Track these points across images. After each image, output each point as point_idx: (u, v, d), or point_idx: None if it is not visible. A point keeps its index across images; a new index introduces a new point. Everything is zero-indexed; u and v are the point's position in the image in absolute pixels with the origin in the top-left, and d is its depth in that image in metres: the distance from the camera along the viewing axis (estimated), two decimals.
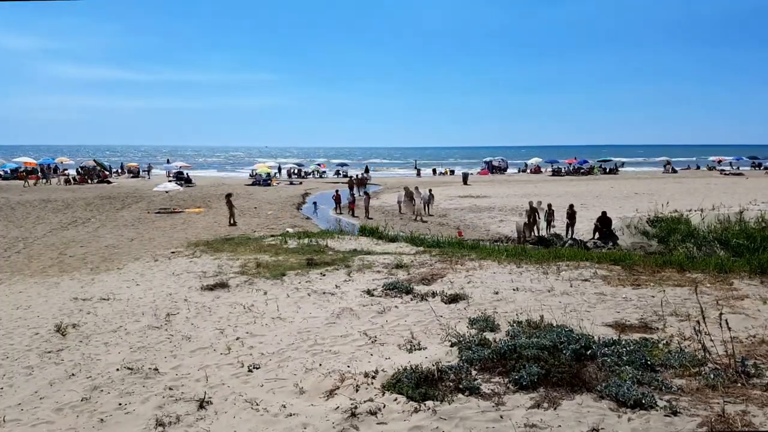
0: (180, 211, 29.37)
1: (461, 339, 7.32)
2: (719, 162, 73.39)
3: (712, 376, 5.87)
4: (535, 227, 21.78)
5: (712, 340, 6.55)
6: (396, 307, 9.64)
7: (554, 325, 7.67)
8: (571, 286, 10.63)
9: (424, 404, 5.58)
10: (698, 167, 74.91)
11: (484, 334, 7.61)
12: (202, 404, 6.01)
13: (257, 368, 7.08)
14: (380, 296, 10.42)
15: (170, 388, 6.54)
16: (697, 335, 6.50)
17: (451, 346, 7.24)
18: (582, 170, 65.83)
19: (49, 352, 8.27)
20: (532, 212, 22.18)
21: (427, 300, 9.91)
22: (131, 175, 58.68)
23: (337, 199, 31.66)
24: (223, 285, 11.81)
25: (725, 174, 61.68)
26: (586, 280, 11.16)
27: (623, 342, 6.88)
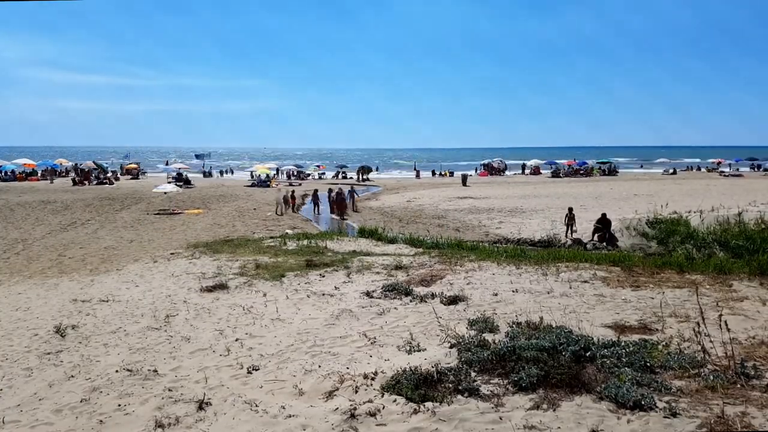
0: (179, 213, 29.36)
1: (460, 340, 7.31)
2: (719, 163, 73.54)
3: (711, 377, 5.87)
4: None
5: (711, 342, 6.55)
6: (395, 308, 9.63)
7: (553, 326, 7.66)
8: (570, 288, 10.63)
9: (424, 405, 5.57)
10: (699, 168, 75.02)
11: (484, 335, 7.60)
12: (202, 405, 6.00)
13: (256, 369, 7.08)
14: (379, 298, 10.42)
15: (169, 390, 6.53)
16: (697, 336, 6.50)
17: (451, 347, 7.24)
18: (581, 171, 65.90)
19: (49, 353, 8.27)
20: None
21: (426, 301, 9.90)
22: (130, 176, 58.68)
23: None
24: (222, 286, 11.81)
25: (724, 175, 61.72)
26: (585, 281, 11.16)
27: (622, 343, 6.87)
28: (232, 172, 69.46)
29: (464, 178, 52.77)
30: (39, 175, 56.52)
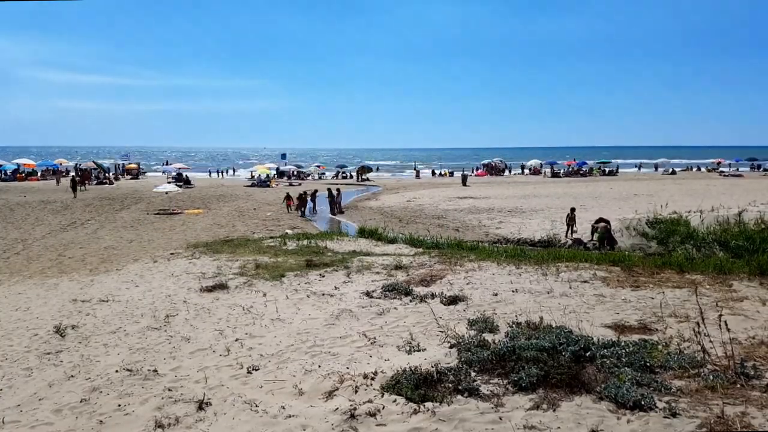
0: (179, 213, 29.36)
1: (460, 340, 7.31)
2: (718, 163, 73.57)
3: (711, 377, 5.86)
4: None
5: (711, 342, 6.55)
6: (395, 308, 9.63)
7: (553, 326, 7.66)
8: (570, 288, 10.62)
9: (424, 405, 5.57)
10: (699, 168, 75.04)
11: (484, 335, 7.60)
12: (202, 405, 6.00)
13: (256, 369, 7.07)
14: (379, 298, 10.41)
15: (169, 390, 6.53)
16: (697, 337, 6.49)
17: (450, 347, 7.23)
18: (581, 171, 65.90)
19: (48, 353, 8.27)
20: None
21: (426, 301, 9.90)
22: (130, 176, 58.68)
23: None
24: (222, 286, 11.81)
25: (724, 175, 61.76)
26: (585, 281, 11.15)
27: (622, 343, 6.87)
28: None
29: (464, 178, 52.80)
30: (39, 175, 56.56)
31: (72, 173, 52.78)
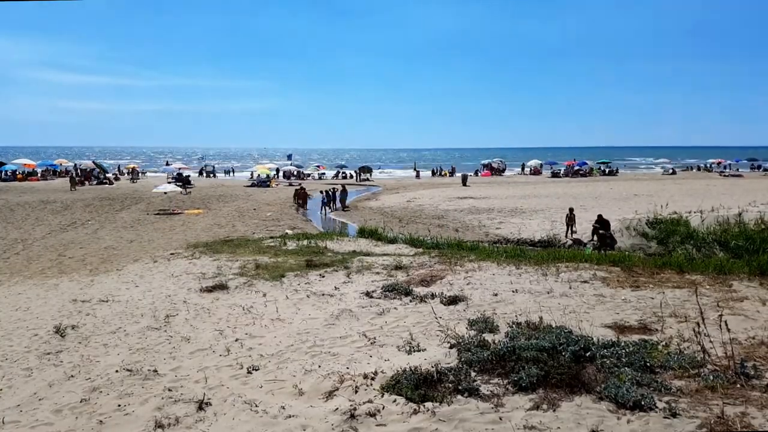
0: (179, 213, 29.35)
1: (460, 340, 7.31)
2: (718, 164, 73.64)
3: (711, 377, 5.86)
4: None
5: (711, 342, 6.55)
6: (395, 308, 9.62)
7: (553, 326, 7.66)
8: (570, 288, 10.61)
9: (424, 405, 5.57)
10: (699, 168, 75.08)
11: (484, 335, 7.60)
12: (201, 405, 6.00)
13: (256, 369, 7.07)
14: (379, 298, 10.41)
15: (169, 390, 6.53)
16: (697, 337, 6.49)
17: (451, 347, 7.23)
18: (581, 172, 65.89)
19: (48, 353, 8.27)
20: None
21: (426, 301, 9.89)
22: (130, 177, 58.68)
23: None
24: (222, 286, 11.80)
25: (724, 175, 61.78)
26: (585, 281, 11.15)
27: (622, 343, 6.86)
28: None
29: (464, 178, 52.83)
30: (39, 175, 56.57)
31: (72, 173, 52.86)
